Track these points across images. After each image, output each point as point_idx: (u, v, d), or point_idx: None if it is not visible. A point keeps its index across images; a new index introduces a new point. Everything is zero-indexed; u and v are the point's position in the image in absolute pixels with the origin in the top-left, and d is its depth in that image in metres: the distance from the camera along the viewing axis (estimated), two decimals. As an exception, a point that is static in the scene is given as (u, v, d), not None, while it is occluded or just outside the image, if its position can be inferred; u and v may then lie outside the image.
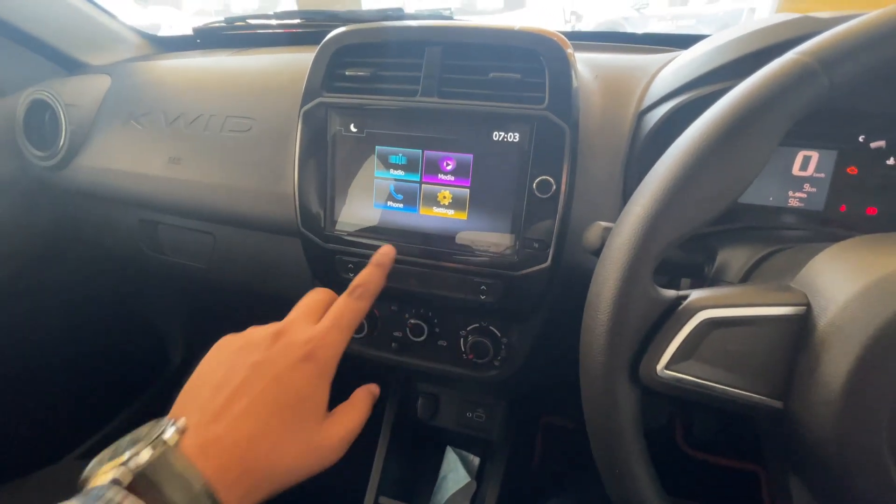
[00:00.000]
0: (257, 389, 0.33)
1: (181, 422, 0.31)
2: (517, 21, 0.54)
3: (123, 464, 0.28)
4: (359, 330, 0.64)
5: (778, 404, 0.29)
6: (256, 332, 0.37)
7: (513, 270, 0.52)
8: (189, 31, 0.96)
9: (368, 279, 0.44)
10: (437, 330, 0.62)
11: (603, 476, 0.32)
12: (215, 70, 0.72)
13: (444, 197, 0.53)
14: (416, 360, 0.65)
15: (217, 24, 0.93)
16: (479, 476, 0.90)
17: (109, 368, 1.05)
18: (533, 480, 1.03)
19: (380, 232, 0.57)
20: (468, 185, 0.52)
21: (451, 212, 0.54)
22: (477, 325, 0.60)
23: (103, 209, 0.77)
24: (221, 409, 0.32)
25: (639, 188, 0.30)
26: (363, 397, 0.40)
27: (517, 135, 0.49)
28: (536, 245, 0.51)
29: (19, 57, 0.81)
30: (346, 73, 0.54)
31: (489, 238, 0.53)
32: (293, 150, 0.59)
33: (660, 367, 0.29)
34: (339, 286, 0.64)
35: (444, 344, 0.63)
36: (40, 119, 0.74)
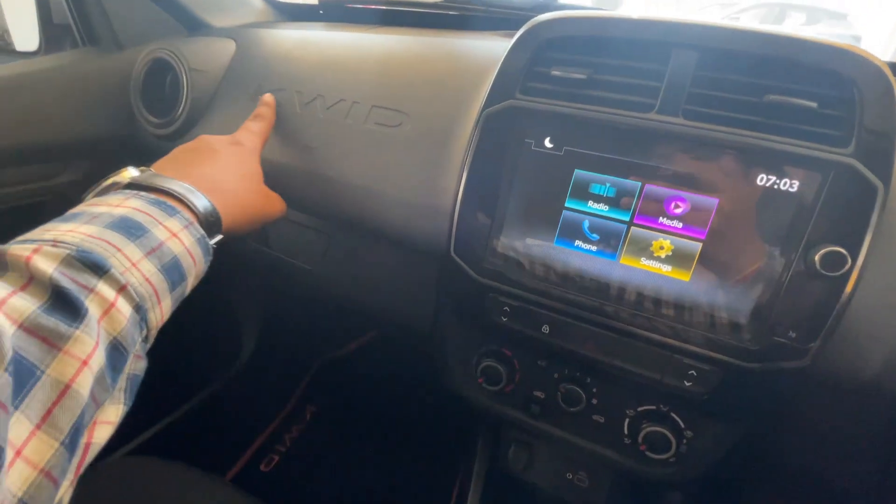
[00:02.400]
0: (206, 158, 0.43)
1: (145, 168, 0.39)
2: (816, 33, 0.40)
3: (113, 181, 0.36)
4: (494, 382, 0.52)
5: None
6: (183, 144, 0.46)
7: (746, 361, 0.39)
8: (313, 1, 0.88)
9: (262, 111, 0.54)
10: (594, 401, 0.50)
11: None
12: (357, 49, 0.62)
13: (662, 247, 0.41)
14: (561, 431, 0.53)
15: (346, -3, 0.83)
16: (572, 549, 0.78)
17: (180, 359, 0.99)
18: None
19: (556, 276, 0.45)
20: (702, 237, 0.39)
21: (667, 268, 0.41)
22: (653, 407, 0.48)
23: (210, 189, 0.69)
24: (179, 168, 0.41)
25: None
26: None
27: (797, 183, 0.36)
28: (793, 335, 0.37)
29: (140, 9, 0.74)
30: (553, 72, 0.42)
31: (719, 312, 0.40)
32: (458, 159, 0.48)
33: None
34: (485, 330, 0.53)
35: (601, 420, 0.50)
36: (160, 81, 0.66)
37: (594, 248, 0.43)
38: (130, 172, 0.37)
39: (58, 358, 0.23)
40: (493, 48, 0.55)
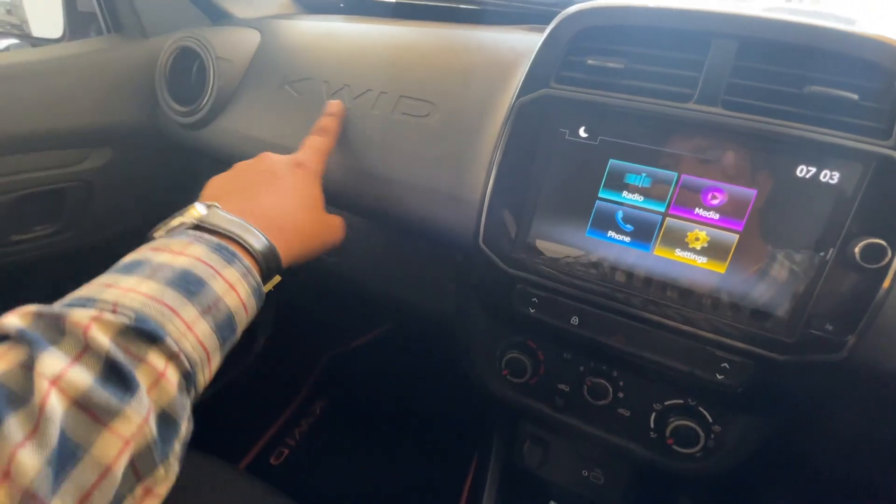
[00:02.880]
0: (267, 185, 0.42)
1: (212, 202, 0.38)
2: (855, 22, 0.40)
3: (181, 221, 0.35)
4: (519, 374, 0.52)
5: None
6: (245, 161, 0.45)
7: (781, 353, 0.39)
8: (334, -6, 0.88)
9: (328, 122, 0.52)
10: (620, 395, 0.50)
11: None
12: (383, 40, 0.62)
13: (697, 239, 0.41)
14: (585, 425, 0.53)
15: (368, -10, 0.84)
16: (585, 546, 0.78)
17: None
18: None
19: (587, 266, 0.45)
20: (739, 228, 0.39)
21: (702, 259, 0.41)
22: (681, 401, 0.47)
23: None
24: (242, 198, 0.40)
25: None
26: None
27: (837, 175, 0.36)
28: (830, 328, 0.37)
29: (165, -3, 0.74)
30: (589, 61, 0.42)
31: (754, 304, 0.40)
32: (487, 148, 0.48)
33: None
34: (513, 322, 0.53)
35: (626, 414, 0.50)
36: (186, 70, 0.66)
37: (627, 238, 0.43)
38: (197, 211, 0.36)
39: (102, 436, 0.24)
40: (519, 41, 0.55)
